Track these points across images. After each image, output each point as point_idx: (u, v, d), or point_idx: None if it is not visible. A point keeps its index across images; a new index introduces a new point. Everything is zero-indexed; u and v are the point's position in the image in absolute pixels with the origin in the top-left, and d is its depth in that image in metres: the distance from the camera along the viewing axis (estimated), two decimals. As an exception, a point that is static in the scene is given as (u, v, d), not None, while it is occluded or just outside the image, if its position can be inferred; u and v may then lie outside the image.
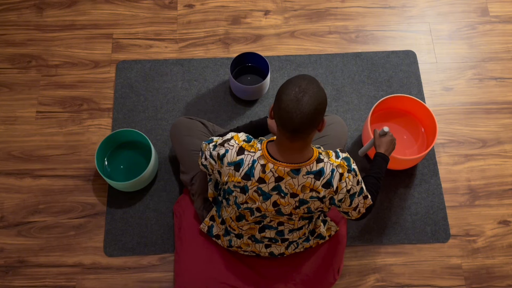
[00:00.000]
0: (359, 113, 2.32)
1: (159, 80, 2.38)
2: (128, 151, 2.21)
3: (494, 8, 2.56)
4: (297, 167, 1.47)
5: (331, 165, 1.51)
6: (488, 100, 2.36)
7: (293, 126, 1.37)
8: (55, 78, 2.39)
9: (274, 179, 1.49)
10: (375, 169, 1.75)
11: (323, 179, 1.50)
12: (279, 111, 1.38)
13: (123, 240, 2.08)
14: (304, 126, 1.37)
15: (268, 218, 1.63)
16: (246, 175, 1.51)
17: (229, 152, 1.53)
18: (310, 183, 1.50)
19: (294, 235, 1.72)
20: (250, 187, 1.53)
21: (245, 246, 1.79)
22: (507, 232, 2.11)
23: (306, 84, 1.37)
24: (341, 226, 2.03)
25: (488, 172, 2.22)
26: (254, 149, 1.51)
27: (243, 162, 1.50)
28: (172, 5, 2.56)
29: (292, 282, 1.87)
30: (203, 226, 1.86)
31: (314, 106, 1.36)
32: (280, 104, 1.38)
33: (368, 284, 2.02)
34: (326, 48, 2.46)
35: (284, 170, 1.48)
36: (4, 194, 2.17)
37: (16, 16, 2.53)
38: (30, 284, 2.02)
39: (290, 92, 1.36)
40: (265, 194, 1.53)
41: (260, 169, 1.49)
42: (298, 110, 1.35)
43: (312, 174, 1.49)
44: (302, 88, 1.36)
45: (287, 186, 1.50)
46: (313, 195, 1.52)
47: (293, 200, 1.53)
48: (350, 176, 1.54)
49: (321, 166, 1.50)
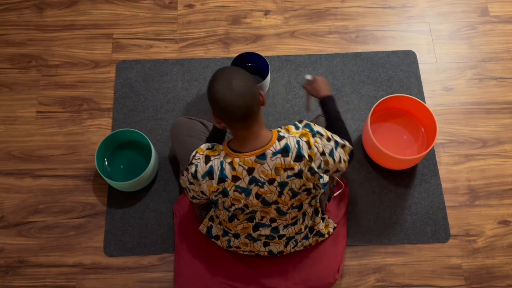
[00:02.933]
0: (359, 113, 2.32)
1: (159, 80, 2.38)
2: (128, 151, 2.21)
3: (494, 8, 2.56)
4: (261, 152, 1.49)
5: (294, 138, 1.52)
6: (488, 100, 2.36)
7: (241, 111, 1.42)
8: (55, 78, 2.39)
9: (246, 172, 1.52)
10: (332, 112, 1.76)
11: (291, 154, 1.50)
12: (221, 110, 1.43)
13: (123, 240, 2.08)
14: (249, 104, 1.42)
15: (259, 213, 1.63)
16: (220, 179, 1.53)
17: (199, 165, 1.56)
18: (281, 163, 1.51)
19: (290, 231, 1.72)
20: (229, 188, 1.54)
21: (244, 246, 1.79)
22: (507, 232, 2.11)
23: (226, 73, 1.44)
24: (341, 226, 2.03)
25: (488, 172, 2.22)
26: (218, 152, 1.54)
27: (213, 168, 1.53)
28: (172, 5, 2.56)
29: (292, 282, 1.87)
30: (202, 227, 1.86)
31: (244, 82, 1.42)
32: (219, 104, 1.42)
33: (368, 284, 2.02)
34: (326, 48, 2.46)
35: (251, 160, 1.50)
36: (4, 194, 2.17)
37: (16, 16, 2.53)
38: (30, 284, 2.02)
39: (220, 89, 1.42)
40: (244, 190, 1.55)
41: (229, 167, 1.52)
42: (236, 95, 1.40)
43: (279, 154, 1.50)
44: (226, 78, 1.42)
45: (261, 174, 1.52)
46: (289, 174, 1.52)
47: (273, 187, 1.54)
48: (317, 140, 1.55)
49: (284, 142, 1.51)
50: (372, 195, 2.16)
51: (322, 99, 1.80)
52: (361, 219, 2.12)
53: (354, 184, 2.18)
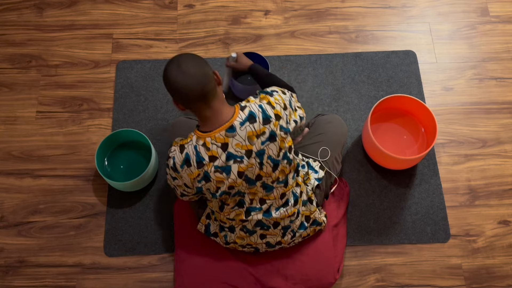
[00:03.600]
0: (359, 113, 2.32)
1: (159, 80, 2.38)
2: (128, 151, 2.21)
3: (494, 8, 2.56)
4: (229, 125, 1.54)
5: (255, 104, 1.58)
6: (488, 100, 2.36)
7: (196, 91, 1.48)
8: (55, 78, 2.39)
9: (221, 150, 1.55)
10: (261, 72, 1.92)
11: (258, 119, 1.55)
12: (178, 94, 1.50)
13: (123, 240, 2.08)
14: (203, 83, 1.48)
15: (247, 196, 1.64)
16: (198, 163, 1.57)
17: (176, 157, 1.60)
18: (251, 130, 1.55)
19: (282, 213, 1.71)
20: (209, 170, 1.57)
21: (240, 240, 1.78)
22: (507, 232, 2.11)
23: (176, 58, 1.51)
24: (341, 226, 2.03)
25: (488, 172, 2.22)
26: (190, 138, 1.59)
27: (188, 155, 1.57)
28: (172, 5, 2.56)
29: (292, 282, 1.87)
30: (200, 226, 1.86)
31: (194, 63, 1.49)
32: (174, 87, 1.49)
33: (368, 284, 2.02)
34: (326, 48, 2.46)
35: (221, 135, 1.54)
36: (4, 194, 2.17)
37: (16, 16, 2.53)
38: (30, 284, 2.02)
39: (172, 74, 1.49)
40: (224, 168, 1.57)
41: (204, 149, 1.55)
42: (187, 77, 1.47)
43: (247, 122, 1.54)
44: (176, 63, 1.49)
45: (236, 148, 1.55)
46: (263, 140, 1.56)
47: (252, 159, 1.56)
48: (276, 98, 1.62)
49: (248, 110, 1.56)
50: (372, 195, 2.16)
51: (251, 66, 1.96)
52: (361, 219, 2.12)
53: (354, 184, 2.18)
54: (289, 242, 1.81)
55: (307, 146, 1.94)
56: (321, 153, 1.91)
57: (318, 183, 1.85)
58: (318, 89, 2.36)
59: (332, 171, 1.91)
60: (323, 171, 1.87)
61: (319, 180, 1.84)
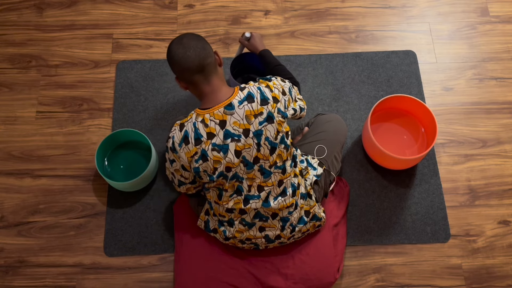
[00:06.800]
0: (359, 113, 2.32)
1: (159, 80, 2.38)
2: (128, 151, 2.21)
3: (494, 8, 2.56)
4: (227, 102, 1.58)
5: (254, 86, 1.64)
6: (488, 100, 2.36)
7: (194, 61, 1.56)
8: (55, 78, 2.39)
9: (219, 127, 1.58)
10: (271, 60, 1.96)
11: (257, 99, 1.60)
12: (178, 65, 1.58)
13: (123, 240, 2.08)
14: (201, 56, 1.56)
15: (245, 183, 1.65)
16: (196, 140, 1.60)
17: (175, 135, 1.64)
18: (249, 109, 1.59)
19: (280, 203, 1.71)
20: (206, 148, 1.59)
21: (239, 234, 1.78)
22: (507, 232, 2.11)
23: (179, 36, 1.60)
24: (341, 226, 2.03)
25: (488, 172, 2.22)
26: (190, 117, 1.63)
27: (187, 132, 1.61)
28: (172, 5, 2.56)
29: (292, 281, 1.87)
30: (199, 222, 1.87)
31: (194, 38, 1.58)
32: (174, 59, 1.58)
33: (368, 284, 2.02)
34: (326, 48, 2.46)
35: (220, 112, 1.58)
36: (4, 194, 2.17)
37: (16, 16, 2.53)
38: (30, 284, 2.02)
39: (173, 47, 1.58)
40: (222, 147, 1.59)
41: (202, 125, 1.59)
42: (186, 48, 1.56)
43: (245, 101, 1.59)
44: (178, 39, 1.59)
45: (234, 126, 1.58)
46: (260, 120, 1.59)
47: (250, 139, 1.59)
48: (274, 82, 1.68)
49: (246, 91, 1.61)
50: (372, 195, 2.16)
51: (261, 52, 1.99)
52: (361, 219, 2.12)
53: (354, 184, 2.18)
54: (289, 237, 1.81)
55: (306, 144, 1.94)
56: (317, 151, 1.92)
57: (317, 179, 1.85)
58: (318, 89, 2.36)
59: (331, 169, 1.91)
60: (321, 168, 1.87)
61: (317, 177, 1.85)
